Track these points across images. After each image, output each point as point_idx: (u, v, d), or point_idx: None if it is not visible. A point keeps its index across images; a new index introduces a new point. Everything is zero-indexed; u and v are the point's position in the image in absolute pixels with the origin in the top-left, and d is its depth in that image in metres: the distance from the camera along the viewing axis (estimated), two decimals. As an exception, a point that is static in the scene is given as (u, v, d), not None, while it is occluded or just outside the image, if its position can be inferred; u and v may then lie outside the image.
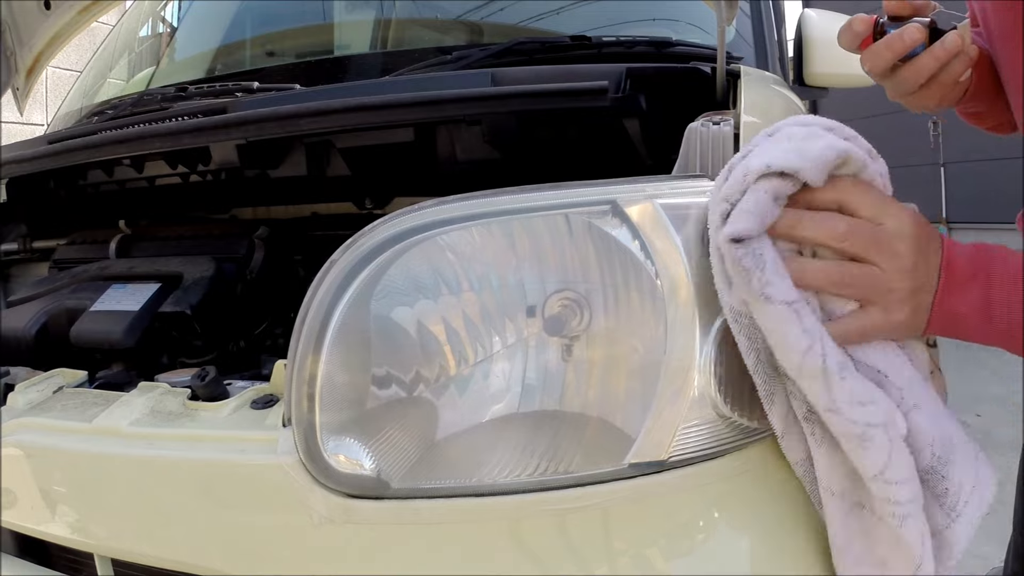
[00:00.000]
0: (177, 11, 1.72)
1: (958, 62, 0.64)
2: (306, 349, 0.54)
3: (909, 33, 0.61)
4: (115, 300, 0.87)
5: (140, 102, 1.13)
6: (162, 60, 1.59)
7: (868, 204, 0.52)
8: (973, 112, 0.80)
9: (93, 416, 0.65)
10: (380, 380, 0.54)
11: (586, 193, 0.56)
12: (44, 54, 1.36)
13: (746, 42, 1.19)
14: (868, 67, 0.66)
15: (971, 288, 0.52)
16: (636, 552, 0.54)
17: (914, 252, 0.51)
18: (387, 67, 1.09)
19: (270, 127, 0.79)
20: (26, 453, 0.64)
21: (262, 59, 1.40)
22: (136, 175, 1.03)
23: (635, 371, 0.54)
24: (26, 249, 1.17)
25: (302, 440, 0.54)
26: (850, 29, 0.65)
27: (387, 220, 0.57)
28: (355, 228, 0.60)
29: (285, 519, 0.55)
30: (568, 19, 1.25)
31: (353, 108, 0.77)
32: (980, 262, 0.52)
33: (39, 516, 0.65)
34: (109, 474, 0.61)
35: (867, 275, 0.51)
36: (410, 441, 0.53)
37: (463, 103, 0.77)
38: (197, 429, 0.61)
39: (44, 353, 0.87)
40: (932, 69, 0.63)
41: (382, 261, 0.55)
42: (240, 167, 0.94)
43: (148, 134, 0.85)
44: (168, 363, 0.89)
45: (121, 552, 0.63)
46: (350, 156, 0.92)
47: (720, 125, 0.62)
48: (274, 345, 0.95)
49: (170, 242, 1.02)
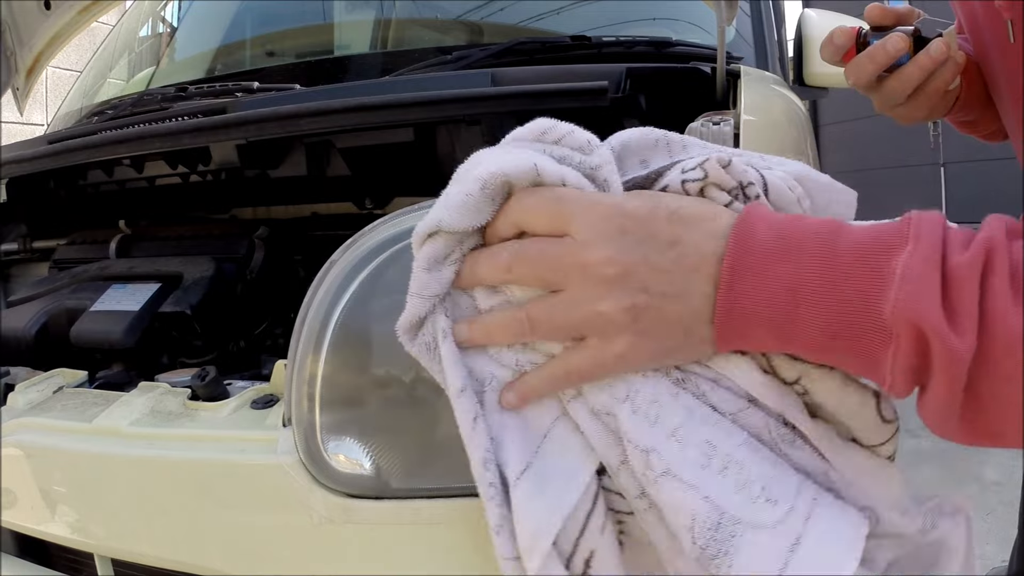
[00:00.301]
0: (177, 11, 1.72)
1: (945, 70, 0.62)
2: (306, 349, 0.54)
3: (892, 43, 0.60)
4: (115, 300, 0.87)
5: (140, 102, 1.13)
6: (162, 60, 1.59)
7: (539, 218, 0.40)
8: (965, 121, 0.77)
9: (93, 416, 0.65)
10: (380, 380, 0.54)
11: (586, 193, 0.56)
12: (44, 54, 1.36)
13: (746, 42, 1.19)
14: (852, 80, 0.64)
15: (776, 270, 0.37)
16: (636, 552, 0.54)
17: (615, 254, 0.38)
18: (387, 67, 1.09)
19: (270, 127, 0.79)
20: (26, 453, 0.64)
21: (262, 59, 1.40)
22: (136, 175, 1.03)
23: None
24: (26, 249, 1.17)
25: (302, 440, 0.54)
26: (831, 42, 0.63)
27: (387, 220, 0.57)
28: (355, 228, 0.60)
29: (285, 519, 0.55)
30: (568, 19, 1.25)
31: (353, 108, 0.77)
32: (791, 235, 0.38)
33: (39, 516, 0.65)
34: (109, 474, 0.61)
35: (551, 308, 0.40)
36: (410, 441, 0.53)
37: (463, 103, 0.77)
38: (197, 429, 0.61)
39: (44, 353, 0.87)
40: (918, 79, 0.61)
41: (382, 261, 0.55)
42: (240, 167, 0.94)
43: (148, 134, 0.85)
44: (168, 363, 0.89)
45: (121, 552, 0.63)
46: (350, 156, 0.92)
47: (720, 125, 0.62)
48: (274, 345, 0.95)
49: (170, 242, 1.02)
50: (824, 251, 0.36)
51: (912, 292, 0.34)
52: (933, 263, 0.34)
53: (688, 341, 0.39)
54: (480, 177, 0.41)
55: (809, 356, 0.39)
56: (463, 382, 0.41)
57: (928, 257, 0.35)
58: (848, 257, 0.36)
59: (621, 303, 0.38)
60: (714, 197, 0.41)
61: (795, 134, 0.75)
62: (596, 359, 0.40)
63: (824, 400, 0.41)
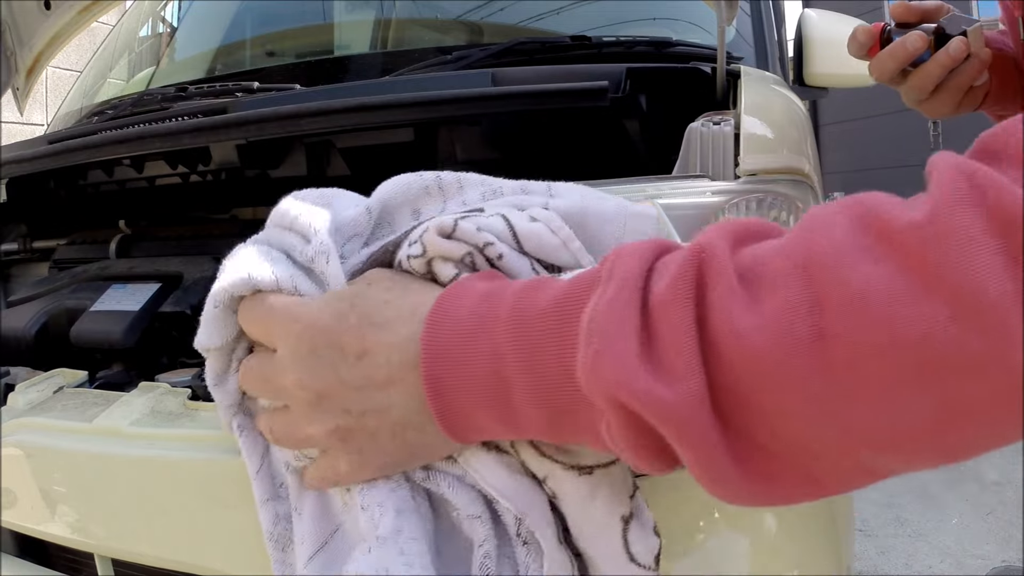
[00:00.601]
0: (177, 11, 1.72)
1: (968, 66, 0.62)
2: (306, 349, 0.54)
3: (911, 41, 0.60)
4: (115, 300, 0.87)
5: (140, 102, 1.13)
6: (162, 60, 1.59)
7: (256, 333, 0.40)
8: (1000, 115, 0.77)
9: (93, 416, 0.65)
10: (380, 380, 0.54)
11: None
12: (44, 54, 1.36)
13: (746, 42, 1.19)
14: (875, 76, 0.64)
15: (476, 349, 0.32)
16: (636, 552, 0.54)
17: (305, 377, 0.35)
18: (387, 67, 1.09)
19: (270, 127, 0.79)
20: (26, 453, 0.64)
21: (262, 59, 1.40)
22: (136, 175, 1.03)
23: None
24: (26, 249, 1.17)
25: (302, 440, 0.54)
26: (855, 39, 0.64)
27: (387, 220, 0.57)
28: (355, 228, 0.60)
29: (285, 519, 0.55)
30: (568, 19, 1.25)
31: (353, 108, 0.77)
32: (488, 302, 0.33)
33: (39, 516, 0.65)
34: (109, 474, 0.61)
35: (276, 424, 0.39)
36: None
37: (463, 103, 0.77)
38: (197, 429, 0.60)
39: (44, 353, 0.87)
40: (938, 76, 0.61)
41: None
42: (240, 167, 0.94)
43: (148, 134, 0.85)
44: (168, 363, 0.89)
45: (121, 552, 0.63)
46: (350, 156, 0.92)
47: (720, 125, 0.62)
48: (274, 345, 0.95)
49: (170, 242, 1.02)
50: (519, 315, 0.31)
51: (598, 350, 0.27)
52: (625, 303, 0.28)
53: (418, 444, 0.36)
54: (212, 295, 0.42)
55: (547, 439, 0.34)
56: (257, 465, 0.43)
57: (617, 298, 0.28)
58: (544, 318, 0.30)
59: (325, 426, 0.36)
60: (439, 272, 0.38)
61: (795, 134, 0.75)
62: (331, 472, 0.38)
63: (569, 508, 0.37)
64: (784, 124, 0.74)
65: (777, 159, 0.63)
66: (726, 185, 0.58)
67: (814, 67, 1.35)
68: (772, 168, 0.60)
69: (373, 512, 0.36)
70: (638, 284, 0.28)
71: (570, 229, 0.39)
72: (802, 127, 0.81)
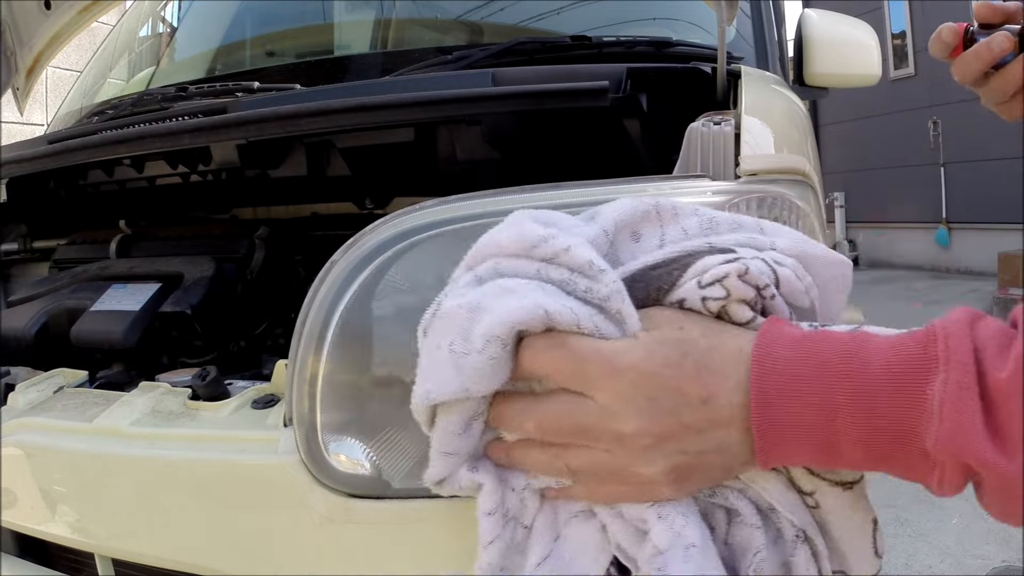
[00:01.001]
0: (177, 11, 1.72)
1: None
2: (307, 349, 0.54)
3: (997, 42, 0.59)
4: (115, 300, 0.87)
5: (140, 102, 1.13)
6: (162, 60, 1.59)
7: (558, 374, 0.40)
8: None
9: (93, 416, 0.65)
10: (381, 380, 0.54)
11: (587, 193, 0.56)
12: (44, 54, 1.36)
13: (746, 42, 1.19)
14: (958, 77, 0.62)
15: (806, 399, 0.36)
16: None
17: (648, 425, 0.38)
18: (387, 67, 1.09)
19: (270, 127, 0.79)
20: (26, 453, 0.64)
21: (262, 59, 1.40)
22: (136, 175, 1.03)
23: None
24: (26, 249, 1.17)
25: (303, 440, 0.54)
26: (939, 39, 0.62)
27: (388, 220, 0.57)
28: (355, 228, 0.60)
29: (286, 519, 0.55)
30: (568, 19, 1.25)
31: (353, 108, 0.77)
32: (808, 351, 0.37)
33: (39, 516, 0.65)
34: (109, 474, 0.61)
35: (593, 466, 0.40)
36: (411, 441, 0.53)
37: (463, 103, 0.77)
38: (198, 429, 0.60)
39: (44, 353, 0.87)
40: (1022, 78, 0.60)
41: (383, 261, 0.55)
42: (240, 167, 0.94)
43: (148, 134, 0.85)
44: (168, 363, 0.89)
45: (121, 552, 0.63)
46: (350, 156, 0.92)
47: (721, 125, 0.62)
48: (275, 345, 0.95)
49: (170, 242, 1.02)
50: (851, 373, 0.36)
51: (953, 428, 0.33)
52: (969, 389, 0.33)
53: (730, 475, 0.41)
54: (494, 335, 0.38)
55: (855, 469, 0.40)
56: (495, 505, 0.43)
57: (963, 383, 0.33)
58: (879, 381, 0.35)
59: (662, 468, 0.39)
60: (736, 314, 0.40)
61: (795, 134, 0.74)
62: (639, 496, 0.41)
63: (831, 517, 0.42)
64: (784, 124, 0.74)
65: (777, 159, 0.63)
66: (726, 185, 0.58)
67: (814, 67, 1.35)
68: (772, 168, 0.60)
69: (674, 521, 0.39)
70: (973, 370, 0.34)
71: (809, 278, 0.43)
72: (802, 127, 0.81)
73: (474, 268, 0.43)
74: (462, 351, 0.39)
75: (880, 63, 1.35)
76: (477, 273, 0.42)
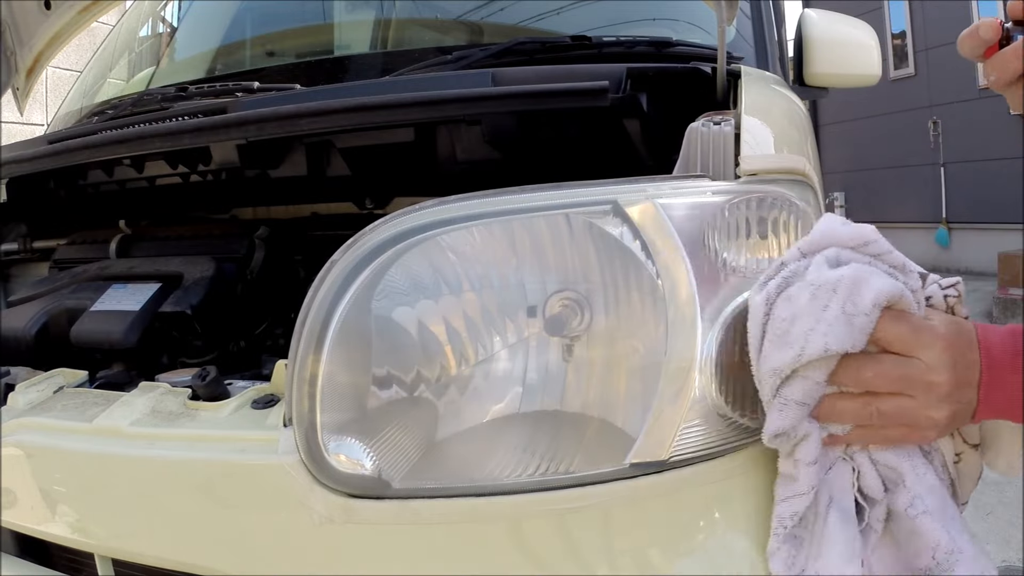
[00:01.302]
0: (177, 11, 1.72)
1: None
2: (307, 349, 0.54)
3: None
4: (115, 300, 0.87)
5: (140, 102, 1.13)
6: (162, 60, 1.59)
7: (899, 340, 0.53)
8: None
9: (93, 416, 0.65)
10: (381, 380, 0.54)
11: (587, 193, 0.56)
12: (44, 54, 1.36)
13: (746, 42, 1.19)
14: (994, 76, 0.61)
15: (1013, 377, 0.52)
16: (637, 552, 0.54)
17: (951, 377, 0.52)
18: (387, 67, 1.09)
19: (270, 127, 0.79)
20: (26, 453, 0.64)
21: (262, 59, 1.40)
22: (136, 175, 1.03)
23: (635, 371, 0.54)
24: (26, 249, 1.17)
25: (303, 440, 0.54)
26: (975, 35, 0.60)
27: (387, 220, 0.57)
28: (355, 228, 0.60)
29: (285, 519, 0.55)
30: (568, 19, 1.25)
31: (353, 108, 0.77)
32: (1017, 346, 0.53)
33: (39, 516, 0.65)
34: (109, 474, 0.61)
35: (898, 410, 0.53)
36: (411, 441, 0.53)
37: (463, 103, 0.77)
38: (197, 429, 0.61)
39: (44, 353, 0.87)
40: None
41: (383, 261, 0.55)
42: (240, 167, 0.94)
43: (148, 134, 0.85)
44: (168, 363, 0.89)
45: (121, 552, 0.63)
46: (350, 156, 0.92)
47: (721, 125, 0.62)
48: (275, 345, 0.95)
49: (170, 242, 1.02)
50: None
51: None
52: None
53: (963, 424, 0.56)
54: (880, 303, 0.51)
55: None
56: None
57: None
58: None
59: (947, 412, 0.53)
60: (959, 311, 0.56)
61: (795, 134, 0.75)
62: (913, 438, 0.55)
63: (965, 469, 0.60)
64: (784, 124, 0.74)
65: (777, 159, 0.63)
66: (726, 185, 0.58)
67: (814, 67, 1.35)
68: (772, 168, 0.60)
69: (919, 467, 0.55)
70: None
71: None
72: (802, 127, 0.81)
73: (812, 254, 0.54)
74: (852, 312, 0.50)
75: (880, 63, 1.35)
76: (827, 256, 0.53)
